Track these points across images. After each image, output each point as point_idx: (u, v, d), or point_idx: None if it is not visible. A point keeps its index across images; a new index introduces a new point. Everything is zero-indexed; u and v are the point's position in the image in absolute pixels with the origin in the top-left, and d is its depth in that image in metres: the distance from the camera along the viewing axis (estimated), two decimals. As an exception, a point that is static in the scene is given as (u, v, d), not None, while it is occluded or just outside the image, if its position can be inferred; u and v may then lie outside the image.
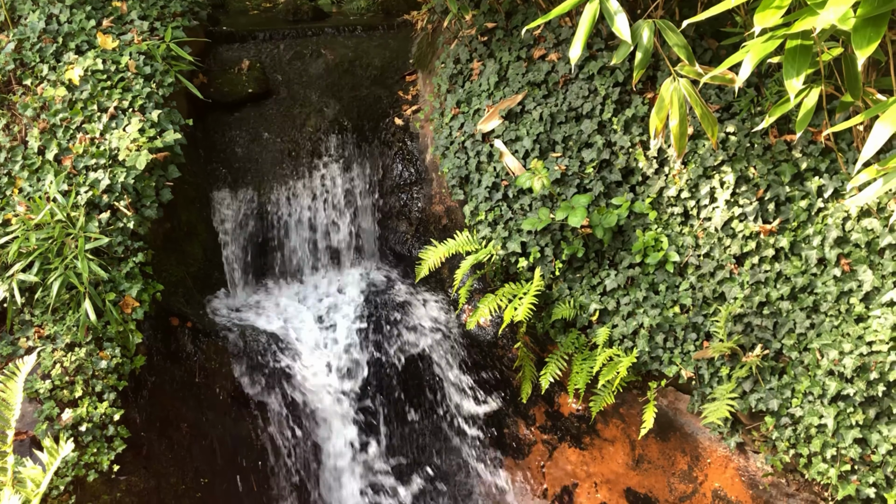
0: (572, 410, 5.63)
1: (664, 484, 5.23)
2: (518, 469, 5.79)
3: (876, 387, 4.00)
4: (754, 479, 4.75)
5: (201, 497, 4.83)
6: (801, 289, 4.38)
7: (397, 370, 5.55)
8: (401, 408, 5.57)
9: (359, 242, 6.13)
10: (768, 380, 4.45)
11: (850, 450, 4.09)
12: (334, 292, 5.90)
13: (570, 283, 5.20)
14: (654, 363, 4.92)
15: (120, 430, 4.32)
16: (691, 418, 5.00)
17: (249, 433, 5.08)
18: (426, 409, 5.68)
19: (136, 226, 4.78)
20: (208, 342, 5.08)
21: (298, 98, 6.19)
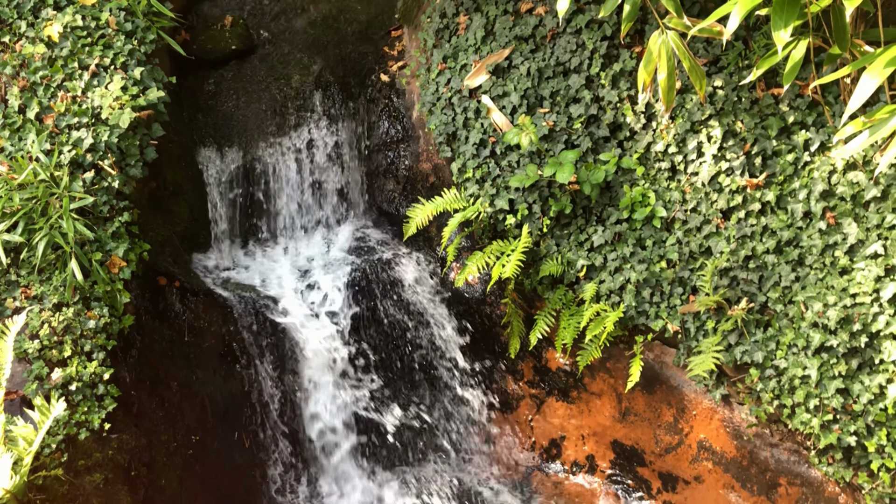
0: (560, 365, 5.69)
1: (650, 436, 5.32)
2: (506, 423, 5.87)
3: (859, 338, 4.06)
4: (739, 429, 4.84)
5: (193, 454, 4.87)
6: (786, 242, 4.41)
7: (385, 328, 5.58)
8: (389, 363, 5.61)
9: (345, 201, 6.11)
10: (753, 332, 4.51)
11: (833, 400, 4.16)
12: (321, 251, 5.89)
13: (557, 239, 5.21)
14: (640, 318, 4.97)
15: (110, 389, 4.33)
16: (677, 371, 5.07)
17: (240, 390, 5.12)
18: (414, 364, 5.72)
19: (121, 185, 4.74)
20: (196, 301, 5.08)
21: (283, 54, 6.12)
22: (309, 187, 5.94)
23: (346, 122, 5.97)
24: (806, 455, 4.60)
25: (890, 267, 4.01)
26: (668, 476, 5.24)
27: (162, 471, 4.67)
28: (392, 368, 5.61)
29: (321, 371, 5.29)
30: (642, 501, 5.31)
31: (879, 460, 4.07)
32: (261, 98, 5.91)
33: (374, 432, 5.55)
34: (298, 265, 5.77)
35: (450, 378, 5.79)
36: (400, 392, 5.71)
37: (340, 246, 5.92)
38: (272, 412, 5.22)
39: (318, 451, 5.43)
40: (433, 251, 5.89)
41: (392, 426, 5.57)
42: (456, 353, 5.73)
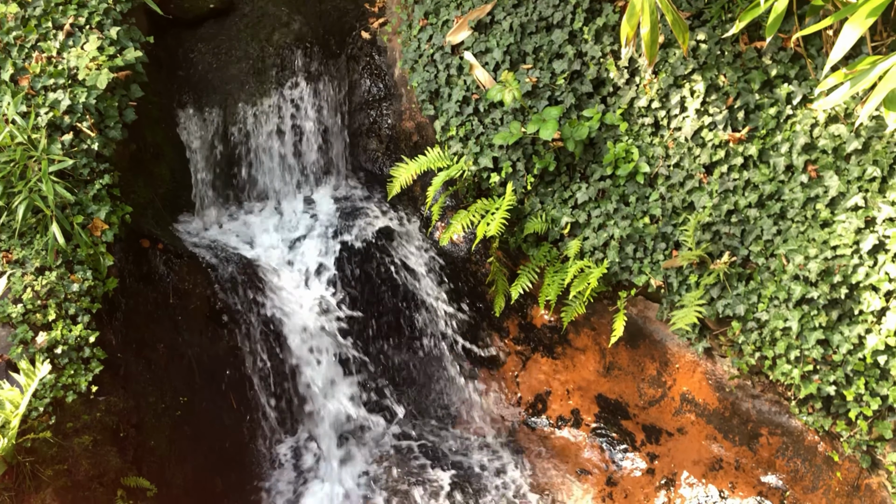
0: (544, 322, 5.74)
1: (634, 389, 5.39)
2: (492, 379, 5.93)
3: (839, 289, 4.11)
4: (721, 382, 4.91)
5: (181, 415, 4.90)
6: (768, 196, 4.44)
7: (371, 288, 5.59)
8: (374, 323, 5.64)
9: (328, 161, 6.07)
10: (735, 286, 4.55)
11: (813, 351, 4.22)
12: (304, 211, 5.87)
13: (541, 197, 5.22)
14: (624, 273, 5.00)
15: (96, 352, 4.33)
16: (660, 326, 5.12)
17: (226, 351, 5.13)
18: (399, 325, 5.75)
19: (101, 147, 4.68)
20: (181, 263, 5.07)
21: (262, 13, 6.01)
22: (291, 148, 5.90)
23: (327, 81, 5.91)
24: (786, 405, 4.69)
25: (870, 219, 4.05)
26: (651, 428, 5.33)
27: (151, 432, 4.70)
28: (376, 327, 5.63)
29: (307, 330, 5.30)
30: (626, 454, 5.40)
31: (857, 408, 4.16)
32: (240, 57, 5.82)
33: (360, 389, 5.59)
34: (281, 226, 5.75)
35: (435, 336, 5.83)
36: (385, 352, 5.75)
37: (323, 207, 5.90)
38: (259, 372, 5.24)
39: (306, 409, 5.47)
40: (417, 210, 5.88)
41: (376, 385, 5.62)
42: (441, 311, 5.76)
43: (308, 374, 5.39)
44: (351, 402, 5.55)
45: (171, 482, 4.76)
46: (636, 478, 5.31)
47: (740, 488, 4.91)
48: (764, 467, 4.83)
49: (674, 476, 5.17)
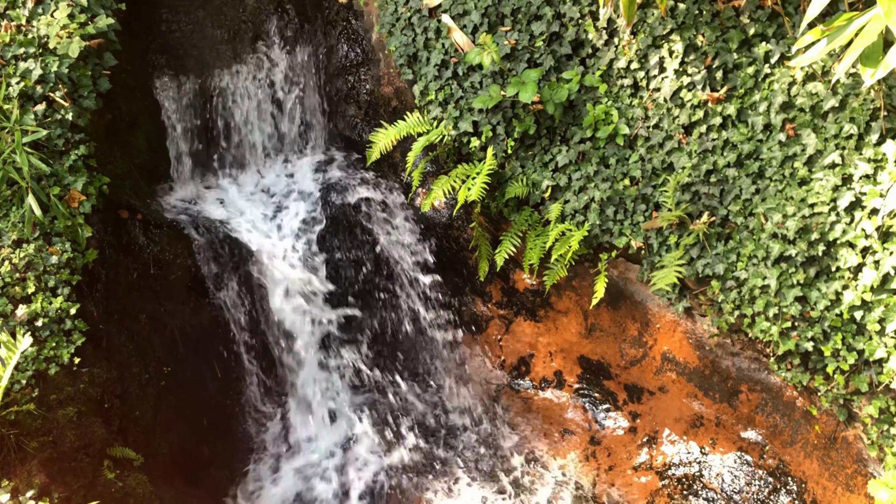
0: (527, 286, 5.77)
1: (616, 350, 5.45)
2: (476, 343, 5.97)
3: (816, 247, 4.16)
4: (701, 340, 4.98)
5: (166, 385, 4.90)
6: (747, 155, 4.46)
7: (352, 254, 5.58)
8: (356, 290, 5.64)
9: (306, 128, 6.02)
10: (715, 245, 4.59)
11: (791, 308, 4.28)
12: (284, 179, 5.84)
13: (522, 160, 5.21)
14: (604, 235, 5.03)
15: (78, 324, 4.31)
16: (641, 287, 5.17)
17: (209, 321, 5.12)
18: (382, 292, 5.76)
19: (75, 117, 4.61)
20: (160, 233, 5.03)
21: (236, -23, 5.91)
22: (268, 115, 5.84)
23: (303, 47, 5.84)
24: (765, 362, 4.76)
25: (847, 176, 4.08)
26: (633, 388, 5.40)
27: (135, 402, 4.70)
28: (360, 295, 5.64)
29: (290, 296, 5.30)
30: (609, 413, 5.48)
31: (835, 363, 4.23)
32: (215, 24, 5.73)
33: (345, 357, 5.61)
34: (261, 193, 5.71)
35: (418, 302, 5.85)
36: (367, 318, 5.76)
37: (302, 173, 5.87)
38: (243, 340, 5.25)
39: (290, 375, 5.49)
40: (398, 177, 5.86)
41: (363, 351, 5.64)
42: (423, 278, 5.77)
43: (292, 341, 5.39)
44: (334, 369, 5.57)
45: (158, 451, 4.78)
46: (619, 436, 5.39)
47: (721, 444, 5.00)
48: (744, 423, 4.92)
49: (656, 434, 5.25)
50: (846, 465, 4.44)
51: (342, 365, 5.61)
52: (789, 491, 4.72)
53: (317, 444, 5.52)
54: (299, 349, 5.43)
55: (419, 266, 5.74)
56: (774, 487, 4.78)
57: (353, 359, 5.66)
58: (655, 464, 5.20)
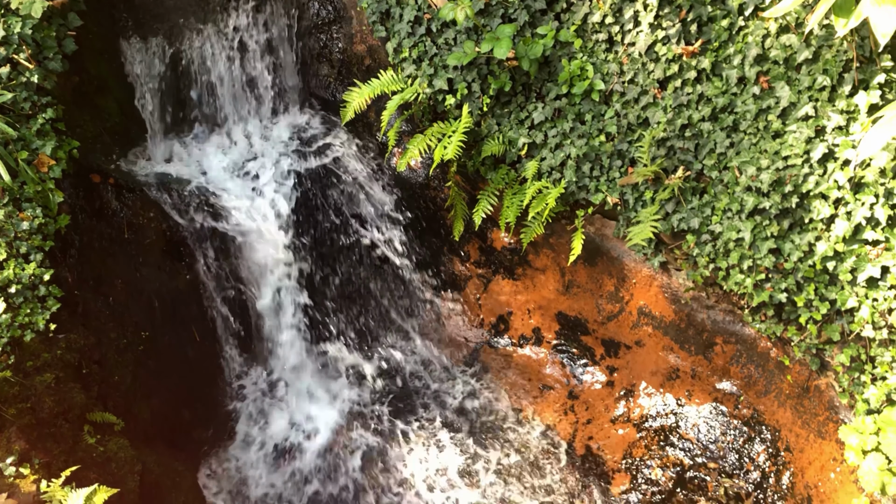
0: (504, 244, 5.78)
1: (593, 306, 5.50)
2: (455, 303, 5.99)
3: (790, 199, 4.20)
4: (676, 294, 5.03)
5: (144, 350, 4.88)
6: (721, 109, 4.47)
7: (326, 215, 5.55)
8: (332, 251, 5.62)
9: (279, 88, 5.93)
10: (690, 200, 4.62)
11: (765, 260, 4.33)
12: (257, 141, 5.76)
13: (498, 118, 5.19)
14: (581, 192, 5.04)
15: (52, 290, 4.27)
16: (617, 243, 5.20)
17: (186, 285, 5.09)
18: (359, 252, 5.75)
19: (41, 79, 4.51)
20: (133, 198, 4.97)
21: (202, -66, 5.76)
22: (240, 76, 5.74)
23: (274, 5, 5.72)
24: (740, 315, 4.83)
25: (820, 128, 4.11)
26: (610, 342, 5.46)
27: (114, 368, 4.68)
28: (334, 254, 5.63)
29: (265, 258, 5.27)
30: (587, 368, 5.55)
31: (808, 314, 4.30)
32: (183, -17, 5.60)
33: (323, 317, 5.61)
34: (234, 156, 5.64)
35: (396, 263, 5.84)
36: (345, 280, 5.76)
37: (276, 135, 5.80)
38: (219, 303, 5.22)
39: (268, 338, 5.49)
40: (373, 136, 5.82)
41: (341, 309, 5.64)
42: (400, 238, 5.76)
43: (269, 304, 5.38)
44: (312, 331, 5.57)
45: (138, 416, 4.78)
46: (597, 390, 5.47)
47: (697, 396, 5.09)
48: (719, 375, 5.01)
49: (633, 387, 5.33)
50: (818, 412, 4.54)
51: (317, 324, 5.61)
52: (763, 439, 4.83)
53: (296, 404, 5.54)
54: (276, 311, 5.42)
55: (396, 226, 5.73)
56: (749, 436, 4.88)
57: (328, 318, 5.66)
58: (633, 416, 5.29)
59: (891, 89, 3.90)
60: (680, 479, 4.98)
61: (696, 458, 5.00)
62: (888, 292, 3.99)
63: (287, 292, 5.40)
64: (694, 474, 4.95)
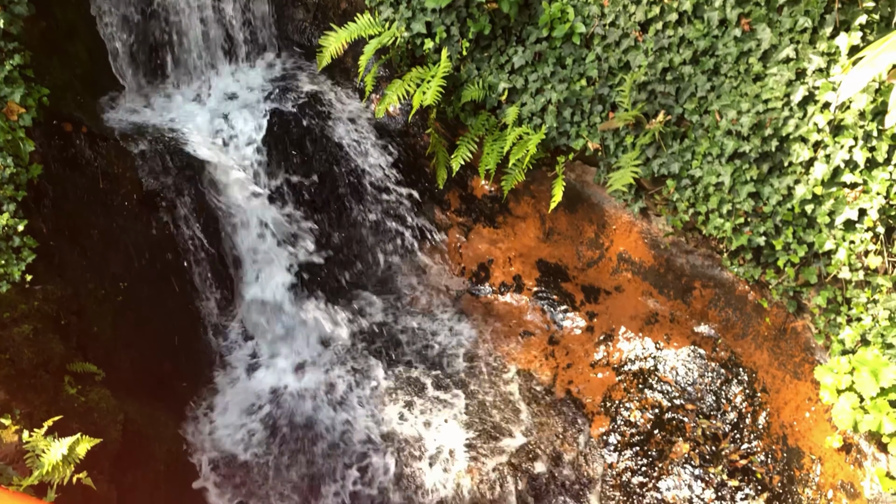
0: (485, 192, 5.76)
1: (573, 252, 5.52)
2: (436, 252, 5.99)
3: (770, 142, 4.20)
4: (656, 240, 5.05)
5: (123, 301, 4.84)
6: (702, 52, 4.43)
7: (307, 163, 5.49)
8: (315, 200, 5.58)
9: (254, 34, 5.80)
10: (670, 145, 4.61)
11: (744, 203, 4.35)
12: (231, 87, 5.65)
13: (478, 63, 5.12)
14: (562, 138, 5.01)
15: (27, 241, 4.19)
16: (598, 189, 5.19)
17: (163, 235, 5.03)
18: (337, 201, 5.70)
19: (7, 24, 4.37)
20: (107, 147, 4.87)
21: None
22: (213, 21, 5.60)
23: (247, -53, 5.58)
24: (718, 259, 4.87)
25: (801, 70, 4.09)
26: (590, 288, 5.49)
27: (93, 319, 4.64)
28: (315, 204, 5.58)
29: (242, 205, 5.22)
30: (567, 314, 5.59)
31: (785, 257, 4.34)
32: (150, -78, 5.42)
33: (306, 265, 5.59)
34: (209, 103, 5.54)
35: (375, 213, 5.81)
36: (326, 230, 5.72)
37: (250, 81, 5.69)
38: (198, 253, 5.18)
39: (247, 288, 5.46)
40: (351, 82, 5.73)
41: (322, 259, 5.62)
42: (378, 186, 5.72)
43: (248, 252, 5.34)
44: (293, 278, 5.55)
45: (119, 366, 4.76)
46: (576, 335, 5.52)
47: (675, 339, 5.16)
48: (697, 318, 5.06)
49: (612, 331, 5.38)
50: (794, 354, 4.61)
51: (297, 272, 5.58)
52: (740, 381, 4.91)
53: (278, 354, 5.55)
54: (255, 259, 5.39)
55: (373, 175, 5.68)
56: (726, 378, 4.97)
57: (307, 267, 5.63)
58: (612, 360, 5.35)
59: (872, 30, 3.88)
60: (658, 420, 5.07)
61: (674, 400, 5.08)
62: (865, 234, 4.04)
63: (266, 240, 5.35)
64: (672, 416, 5.04)
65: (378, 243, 5.94)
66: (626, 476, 5.01)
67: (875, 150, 3.91)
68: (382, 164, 5.69)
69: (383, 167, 5.70)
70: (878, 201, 3.93)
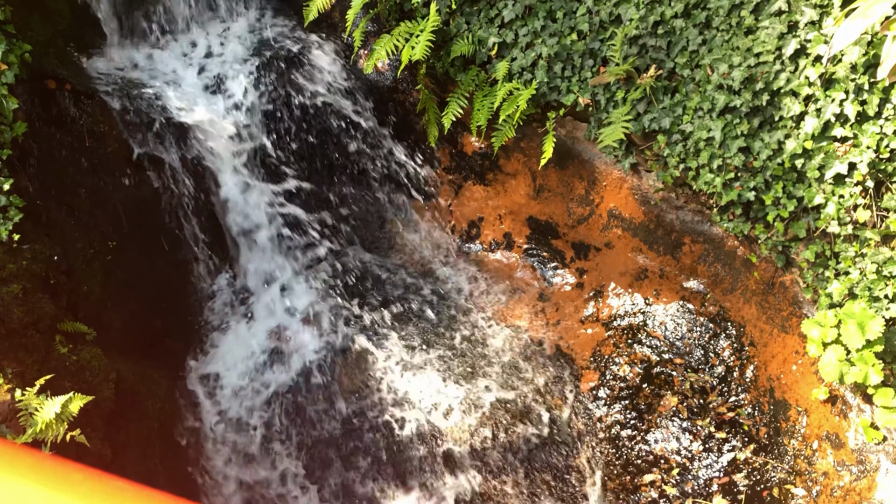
0: (475, 149, 5.73)
1: (563, 209, 5.52)
2: (426, 210, 5.98)
3: (761, 97, 4.18)
4: (646, 196, 5.05)
5: (113, 260, 4.82)
6: (694, 5, 4.39)
7: (296, 120, 5.44)
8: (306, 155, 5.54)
9: (241, -12, 5.71)
10: (661, 99, 4.59)
11: (735, 158, 4.35)
12: (218, 44, 5.57)
13: (467, 17, 5.05)
14: (552, 93, 4.97)
15: (13, 200, 4.16)
16: (588, 145, 5.17)
17: (152, 193, 4.99)
18: (326, 159, 5.67)
19: (-15, -22, 4.28)
20: (93, 104, 4.80)
21: None
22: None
23: None
24: (708, 214, 4.88)
25: (792, 23, 4.06)
26: (580, 245, 5.51)
27: (83, 278, 4.63)
28: (305, 161, 5.54)
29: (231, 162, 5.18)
30: (557, 271, 5.60)
31: (775, 211, 4.35)
32: None
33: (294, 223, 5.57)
34: (196, 59, 5.46)
35: (365, 170, 5.78)
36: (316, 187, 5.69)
37: (237, 37, 5.60)
38: (186, 211, 5.15)
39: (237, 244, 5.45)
40: (338, 38, 5.65)
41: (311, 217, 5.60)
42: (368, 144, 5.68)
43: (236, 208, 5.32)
44: (283, 235, 5.53)
45: (110, 325, 4.75)
46: (566, 292, 5.55)
47: (664, 294, 5.19)
48: (686, 274, 5.09)
49: (602, 288, 5.41)
50: (782, 308, 4.66)
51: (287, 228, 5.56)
52: (728, 335, 4.96)
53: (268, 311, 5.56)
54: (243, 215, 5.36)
55: (362, 132, 5.63)
56: (714, 333, 5.01)
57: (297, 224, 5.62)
58: (601, 316, 5.39)
59: (865, -18, 3.84)
60: (647, 374, 5.12)
61: (662, 354, 5.14)
62: (854, 188, 4.05)
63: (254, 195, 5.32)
64: (660, 370, 5.10)
65: (367, 201, 5.92)
66: (615, 429, 5.08)
67: (866, 104, 3.90)
68: (371, 122, 5.64)
69: (372, 124, 5.65)
70: (867, 155, 3.93)
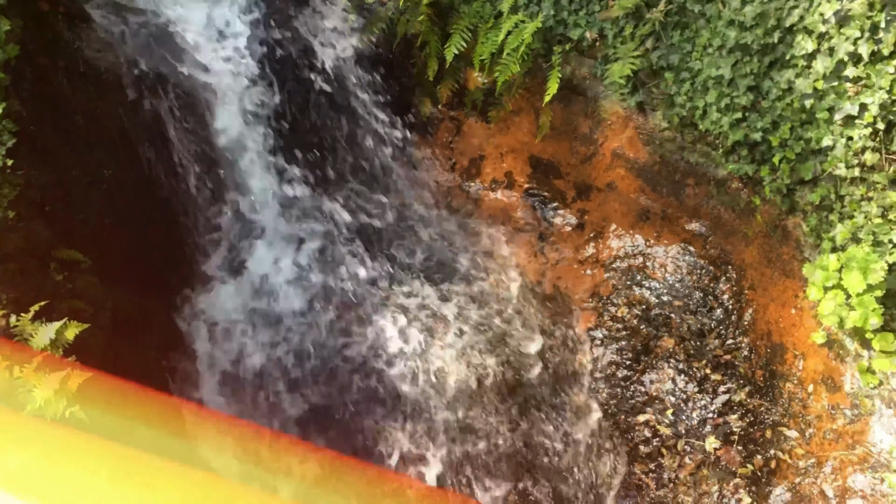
0: (478, 85, 5.62)
1: (567, 149, 5.44)
2: (427, 146, 5.89)
3: (773, 34, 4.07)
4: (652, 136, 4.97)
5: (109, 188, 4.76)
6: (708, -63, 4.25)
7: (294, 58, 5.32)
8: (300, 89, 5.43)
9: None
10: (671, 35, 4.47)
11: (743, 97, 4.26)
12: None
13: (472, -54, 4.91)
14: (559, 27, 4.85)
15: (6, 124, 4.07)
16: (594, 82, 5.07)
17: (149, 121, 4.90)
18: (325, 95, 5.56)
19: None
20: (87, 28, 4.68)
21: None
22: None
23: None
24: (713, 156, 4.80)
25: (810, -43, 3.93)
26: (582, 185, 5.44)
27: (79, 206, 4.57)
28: (301, 95, 5.44)
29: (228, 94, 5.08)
30: (558, 211, 5.55)
31: (781, 153, 4.28)
32: None
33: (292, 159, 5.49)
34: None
35: (365, 104, 5.68)
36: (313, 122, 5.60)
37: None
38: (185, 140, 5.06)
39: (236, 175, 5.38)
40: (341, -34, 5.49)
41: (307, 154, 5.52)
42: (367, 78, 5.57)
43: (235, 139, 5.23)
44: (281, 172, 5.46)
45: (106, 255, 4.71)
46: (567, 232, 5.51)
47: (665, 236, 5.15)
48: (689, 216, 5.04)
49: (603, 228, 5.37)
50: (784, 252, 4.62)
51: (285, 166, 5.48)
52: (729, 278, 4.94)
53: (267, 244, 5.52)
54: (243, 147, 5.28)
55: (360, 65, 5.52)
56: (715, 276, 4.99)
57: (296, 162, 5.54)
58: (601, 257, 5.36)
59: (887, -86, 3.71)
60: (645, 316, 5.12)
61: (661, 296, 5.12)
62: (864, 130, 3.97)
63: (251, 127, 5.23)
64: (659, 312, 5.09)
65: (366, 136, 5.83)
66: (611, 369, 5.10)
67: (882, 43, 3.79)
68: (369, 54, 5.52)
69: (371, 56, 5.53)
70: (879, 96, 3.84)
